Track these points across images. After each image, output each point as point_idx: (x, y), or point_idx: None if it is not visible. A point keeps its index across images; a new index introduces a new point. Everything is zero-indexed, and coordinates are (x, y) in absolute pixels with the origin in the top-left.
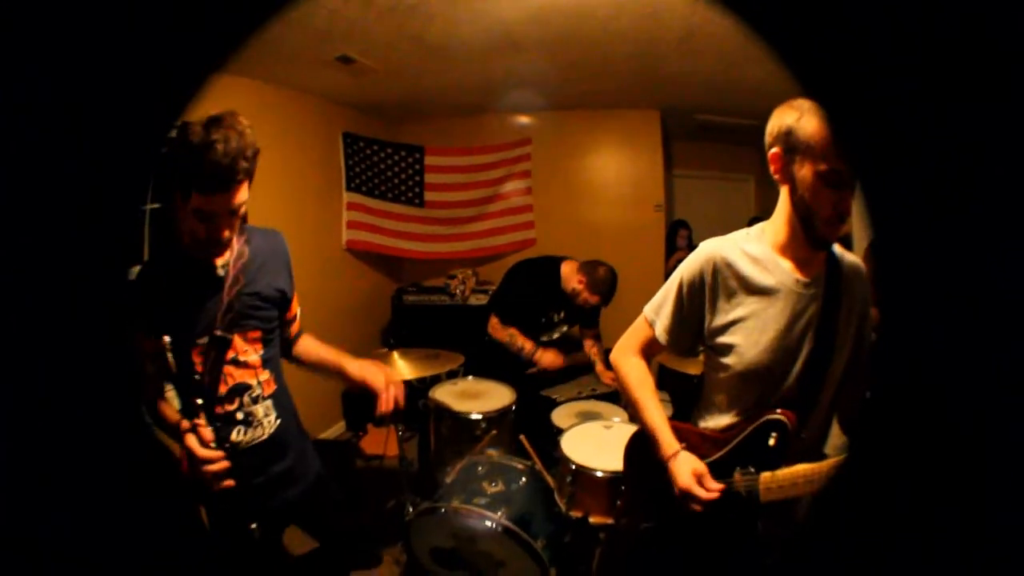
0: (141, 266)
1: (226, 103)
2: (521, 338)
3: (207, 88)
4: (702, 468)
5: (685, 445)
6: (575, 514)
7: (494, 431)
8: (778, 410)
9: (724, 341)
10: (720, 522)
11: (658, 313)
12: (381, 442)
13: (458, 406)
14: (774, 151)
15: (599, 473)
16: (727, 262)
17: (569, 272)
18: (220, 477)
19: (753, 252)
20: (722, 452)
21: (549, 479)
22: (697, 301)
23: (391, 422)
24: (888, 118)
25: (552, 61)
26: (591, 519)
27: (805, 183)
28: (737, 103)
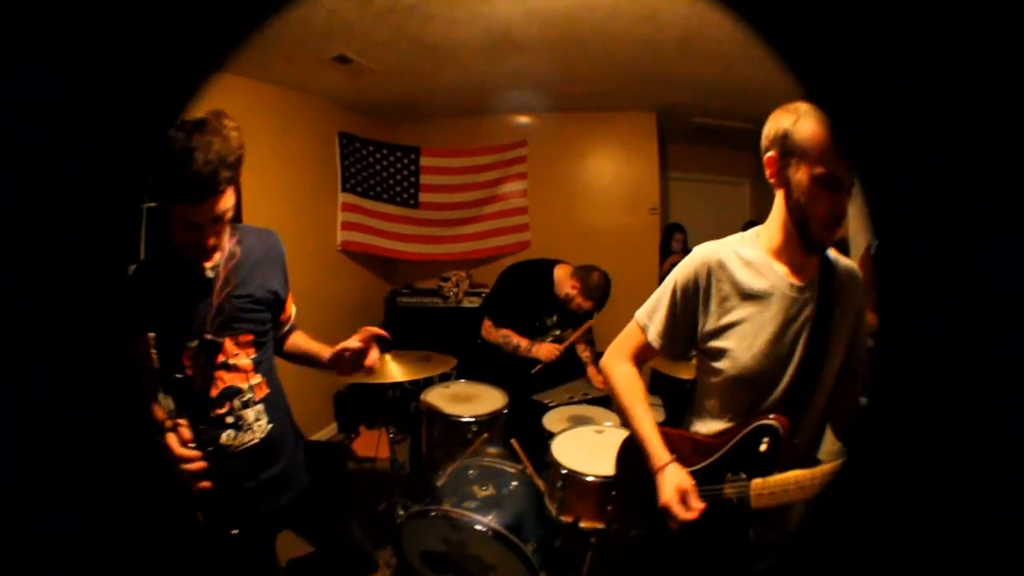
0: (136, 264)
1: (223, 101)
2: (515, 337)
3: (206, 87)
4: (687, 485)
5: (675, 457)
6: (566, 519)
7: (485, 435)
8: (771, 415)
9: (717, 345)
10: (711, 529)
11: (651, 318)
12: (373, 444)
13: (450, 409)
14: (770, 155)
15: (590, 478)
16: (721, 266)
17: (563, 276)
18: (197, 477)
19: (748, 256)
20: (713, 458)
21: (540, 483)
22: (691, 305)
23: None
24: (888, 118)
25: (549, 62)
26: (582, 524)
27: (801, 187)
28: (734, 106)
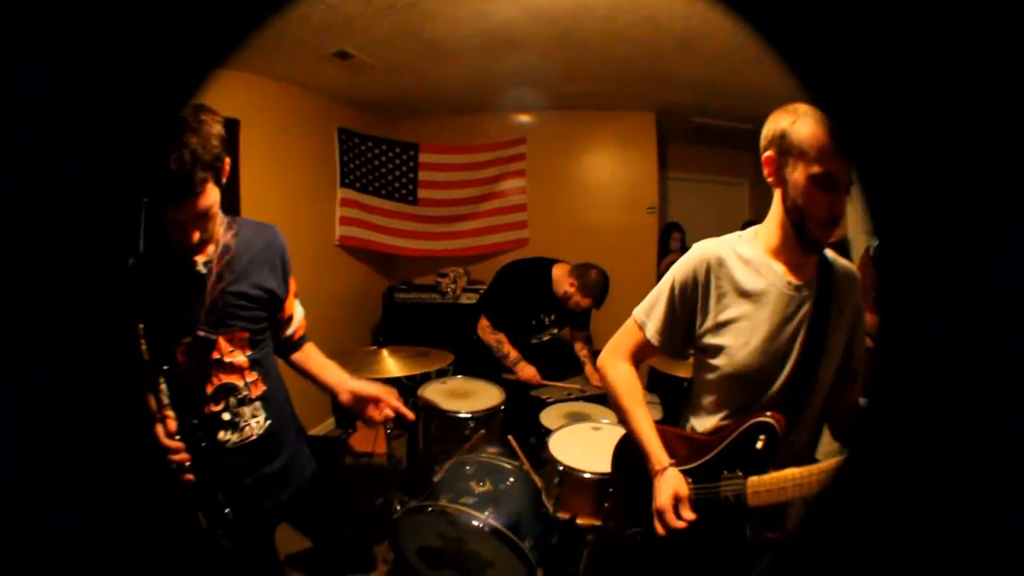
0: (134, 259)
1: (222, 97)
2: (507, 345)
3: (207, 86)
4: (683, 493)
5: (674, 462)
6: (563, 515)
7: (483, 431)
8: (767, 413)
9: (714, 342)
10: (707, 527)
11: (649, 315)
12: (370, 440)
13: (447, 405)
14: (768, 154)
15: (587, 475)
16: (720, 263)
17: (560, 275)
18: (182, 469)
19: (746, 254)
20: (709, 455)
21: (537, 480)
22: (689, 302)
23: (395, 428)
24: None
25: (549, 61)
26: (579, 521)
27: (798, 186)
28: (734, 107)
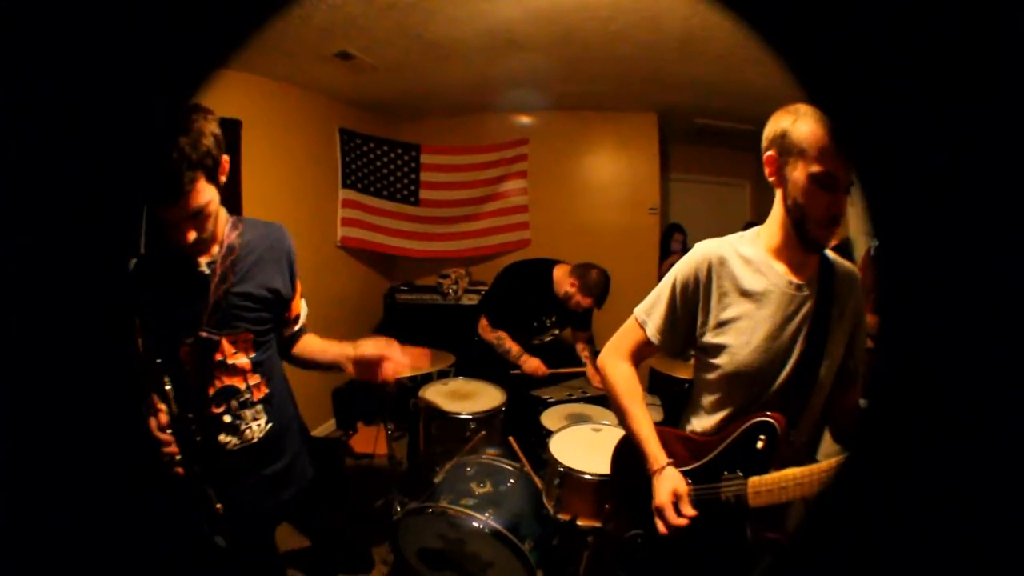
0: (137, 259)
1: (223, 98)
2: (509, 341)
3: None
4: (683, 490)
5: (672, 461)
6: (563, 517)
7: (483, 432)
8: (767, 412)
9: (715, 341)
10: (708, 528)
11: (650, 314)
12: (371, 441)
13: (448, 406)
14: (769, 154)
15: (587, 476)
16: (722, 262)
17: (561, 275)
18: (172, 463)
19: (747, 254)
20: (710, 456)
21: (537, 481)
22: (690, 301)
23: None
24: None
25: (550, 61)
26: (579, 522)
27: (798, 185)
28: (735, 107)
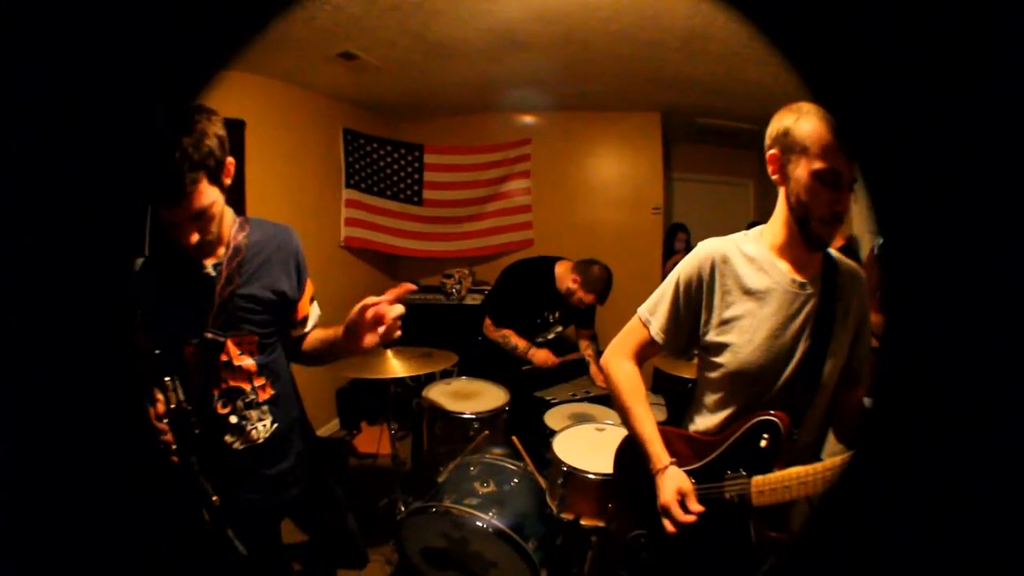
0: (144, 260)
1: (227, 98)
2: (514, 337)
3: (210, 87)
4: (688, 488)
5: (675, 460)
6: (567, 516)
7: (487, 432)
8: (771, 411)
9: (718, 340)
10: (711, 528)
11: (653, 312)
12: (375, 441)
13: (451, 406)
14: (772, 152)
15: (591, 475)
16: (725, 261)
17: (563, 272)
18: (167, 451)
19: (750, 252)
20: (713, 455)
21: (541, 481)
22: (694, 299)
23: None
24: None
25: (553, 61)
26: (583, 521)
27: (801, 183)
28: (738, 107)
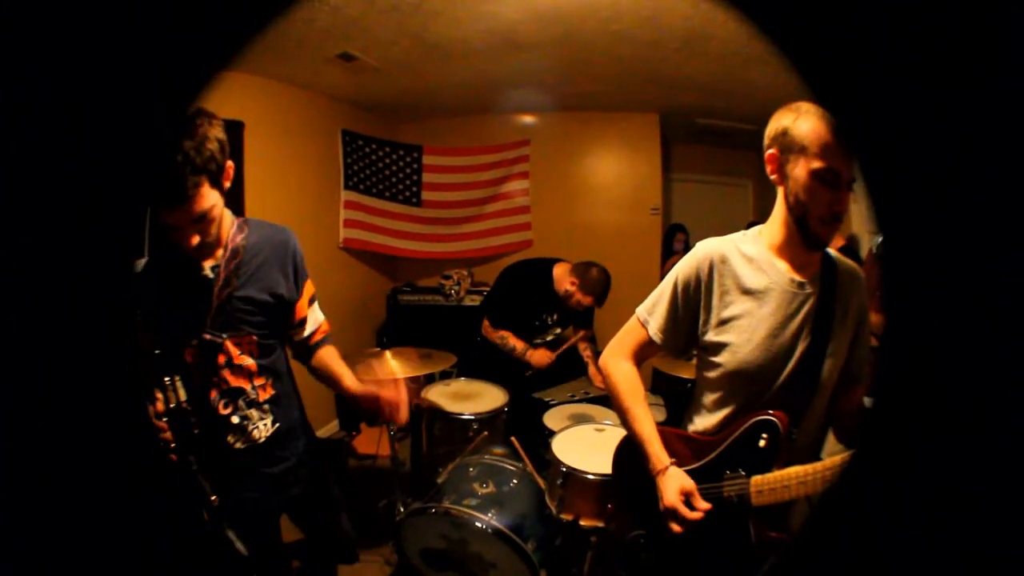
0: (146, 260)
1: (226, 99)
2: (512, 339)
3: (210, 88)
4: (691, 486)
5: (675, 460)
6: (566, 517)
7: (486, 433)
8: (769, 411)
9: (717, 339)
10: (711, 528)
11: (652, 313)
12: (374, 442)
13: (451, 407)
14: (771, 152)
15: (590, 476)
16: (724, 261)
17: (561, 274)
18: (166, 449)
19: (749, 252)
20: (712, 455)
21: (540, 481)
22: (692, 299)
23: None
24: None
25: (552, 62)
26: (582, 522)
27: (800, 182)
28: (737, 107)
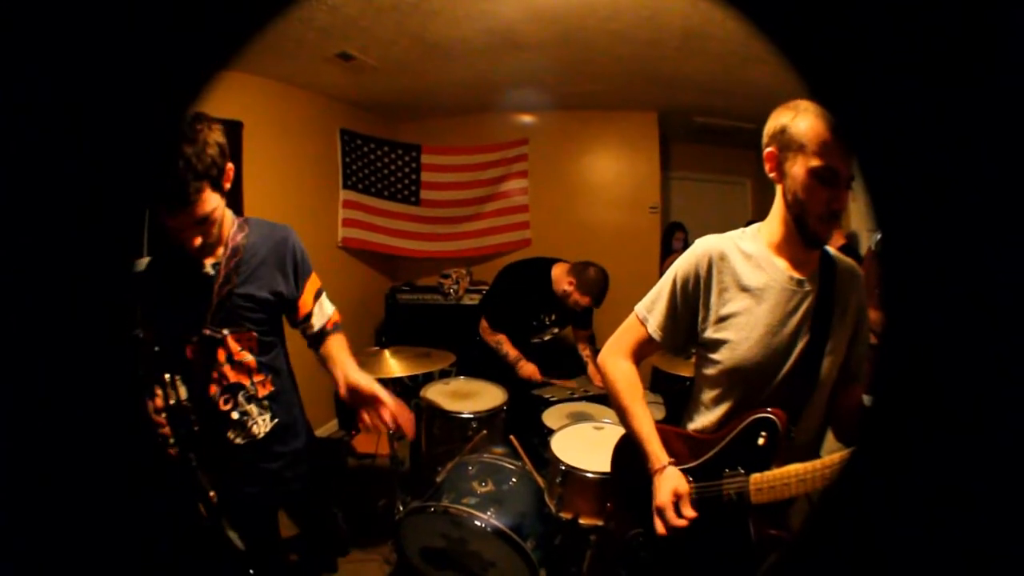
0: (149, 259)
1: (225, 99)
2: (507, 345)
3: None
4: (684, 490)
5: (674, 460)
6: (565, 515)
7: (485, 431)
8: (768, 409)
9: (716, 336)
10: (710, 526)
11: (651, 310)
12: (373, 441)
13: (449, 406)
14: (769, 150)
15: (589, 474)
16: (723, 258)
17: (559, 274)
18: (165, 444)
19: (748, 250)
20: (710, 454)
21: (539, 480)
22: (691, 296)
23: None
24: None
25: (551, 61)
26: (581, 520)
27: (798, 180)
28: (736, 106)
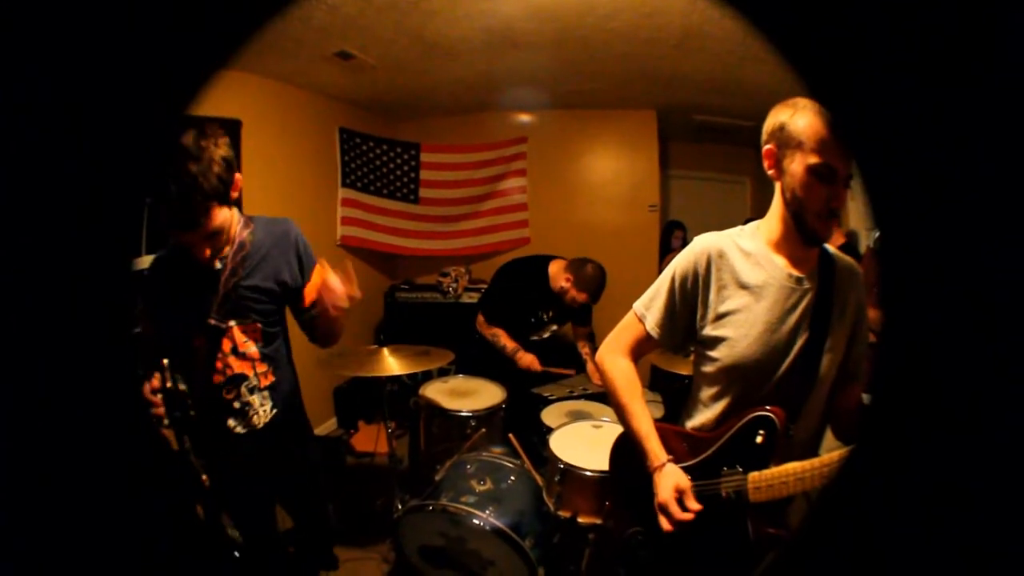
0: (156, 256)
1: (224, 98)
2: (504, 337)
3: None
4: (685, 485)
5: (672, 457)
6: (564, 514)
7: (483, 430)
8: (767, 407)
9: (715, 334)
10: (709, 525)
11: (649, 307)
12: (372, 439)
13: (448, 404)
14: (768, 148)
15: (588, 473)
16: (721, 255)
17: (557, 271)
18: (159, 424)
19: (747, 247)
20: (708, 452)
21: (538, 478)
22: (690, 293)
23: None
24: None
25: (549, 60)
26: (580, 519)
27: (796, 178)
28: (735, 104)
